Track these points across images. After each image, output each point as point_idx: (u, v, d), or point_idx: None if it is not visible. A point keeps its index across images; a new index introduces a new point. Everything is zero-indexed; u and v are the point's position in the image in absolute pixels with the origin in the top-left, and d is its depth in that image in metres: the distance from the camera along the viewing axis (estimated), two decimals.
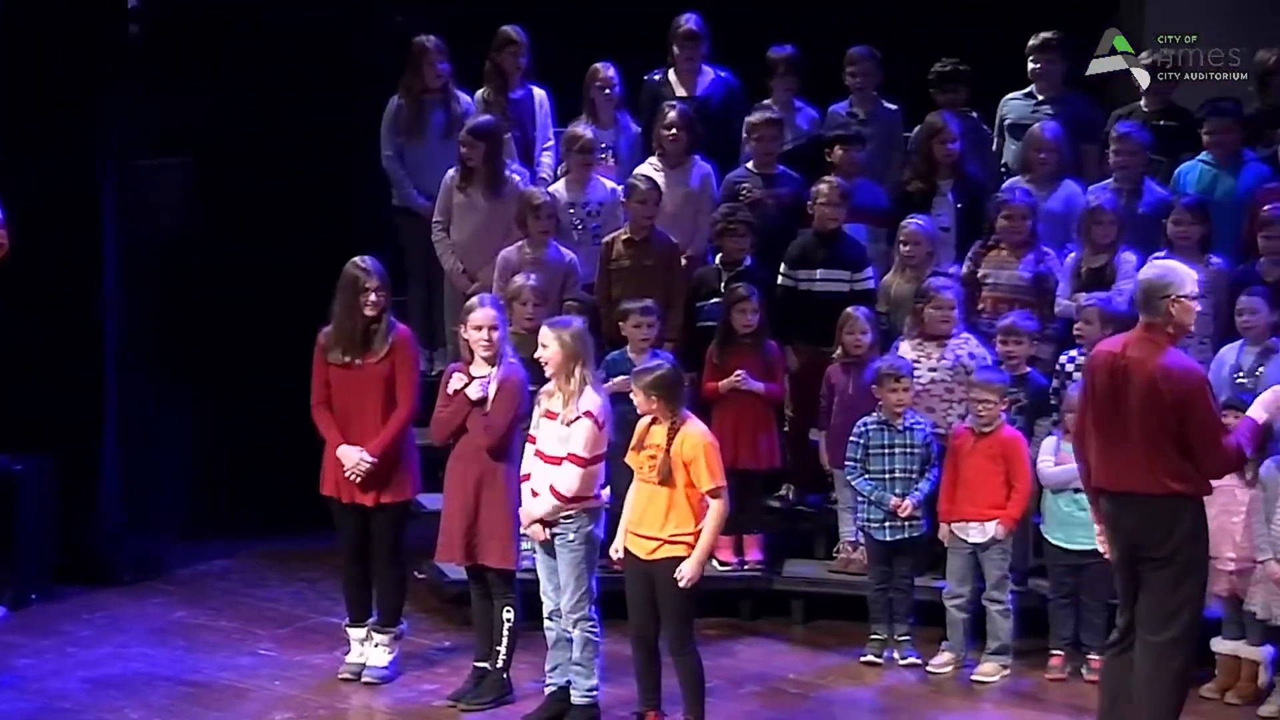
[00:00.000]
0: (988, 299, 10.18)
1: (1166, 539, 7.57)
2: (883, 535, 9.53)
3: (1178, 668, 7.67)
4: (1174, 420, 7.50)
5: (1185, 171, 10.50)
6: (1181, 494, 7.58)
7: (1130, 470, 7.60)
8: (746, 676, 9.32)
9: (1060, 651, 9.31)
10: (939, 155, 10.63)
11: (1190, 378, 7.59)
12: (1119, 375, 7.61)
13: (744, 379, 9.94)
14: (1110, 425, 7.65)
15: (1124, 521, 7.67)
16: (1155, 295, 7.62)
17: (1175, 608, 7.64)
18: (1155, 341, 7.60)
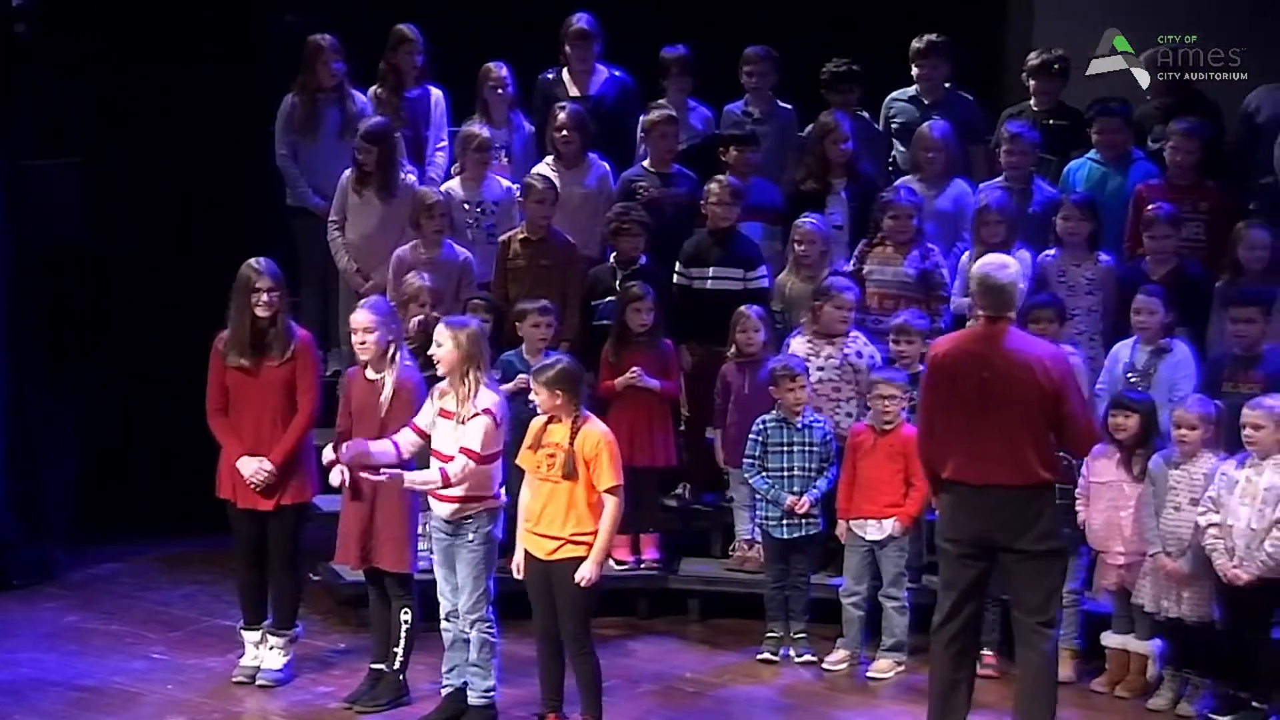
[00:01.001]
0: (873, 295, 10.25)
1: (1034, 527, 7.75)
2: (780, 533, 9.57)
3: (1054, 646, 8.00)
4: (1053, 405, 7.70)
5: (1074, 170, 10.61)
6: (1049, 483, 7.80)
7: (998, 462, 7.73)
8: (643, 675, 9.33)
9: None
10: (832, 155, 10.69)
11: (1065, 361, 7.96)
12: (989, 370, 7.75)
13: (639, 376, 9.96)
14: (977, 420, 7.76)
15: (986, 514, 7.79)
16: (1008, 291, 7.82)
17: (1053, 588, 7.93)
18: (1016, 334, 7.85)
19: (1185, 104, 10.66)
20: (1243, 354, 9.19)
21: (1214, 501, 8.57)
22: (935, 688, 8.07)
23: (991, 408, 7.74)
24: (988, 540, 7.85)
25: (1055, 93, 10.96)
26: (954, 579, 7.99)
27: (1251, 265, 9.56)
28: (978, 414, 7.77)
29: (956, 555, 7.94)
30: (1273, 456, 8.46)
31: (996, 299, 7.86)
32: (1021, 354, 7.78)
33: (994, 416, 7.73)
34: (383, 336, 8.67)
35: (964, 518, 7.89)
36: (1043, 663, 7.90)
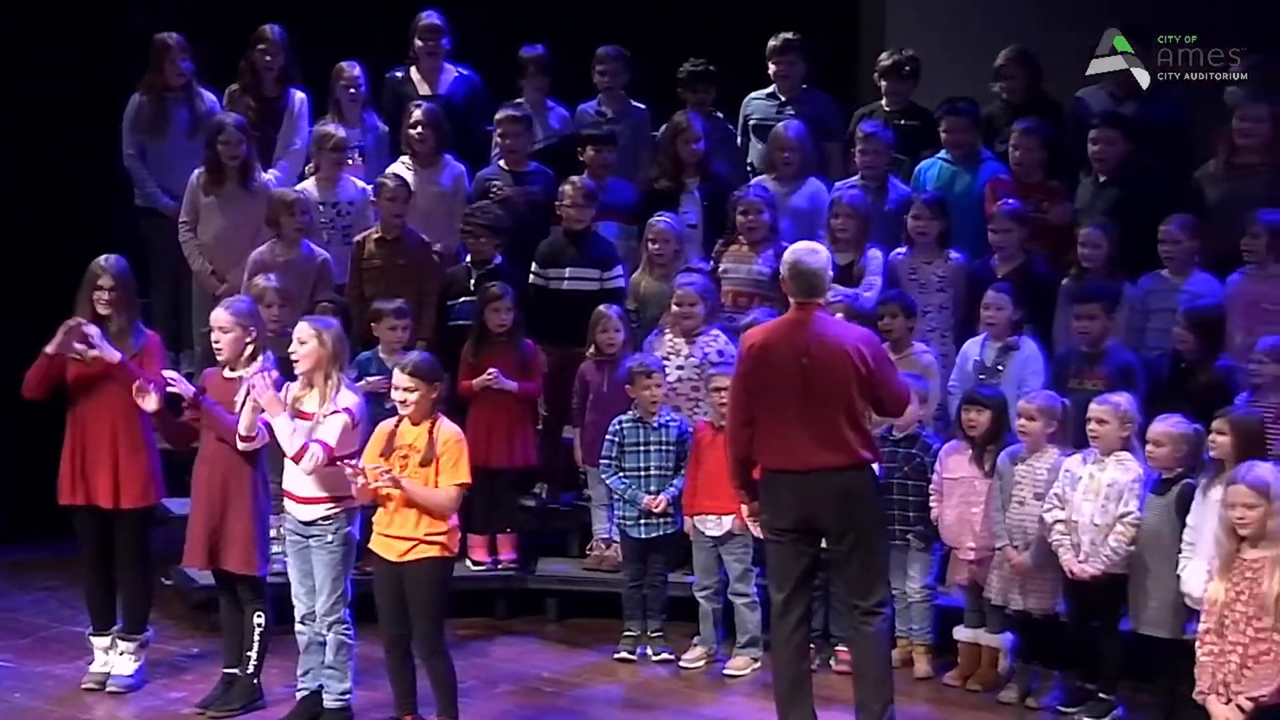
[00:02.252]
0: (728, 293, 10.30)
1: (860, 506, 7.91)
2: (638, 532, 9.59)
3: (888, 627, 8.16)
4: (870, 385, 7.88)
5: (925, 169, 10.72)
6: (868, 461, 7.96)
7: (820, 446, 7.84)
8: (501, 676, 9.31)
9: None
10: (684, 154, 10.74)
11: (877, 341, 8.17)
12: (807, 356, 7.86)
13: (497, 378, 9.94)
14: (797, 406, 7.86)
15: (809, 497, 7.90)
16: (819, 276, 7.96)
17: (881, 568, 8.10)
18: (821, 316, 7.99)
19: (1031, 105, 10.80)
20: (1087, 351, 9.31)
21: (1059, 498, 8.68)
22: (781, 682, 8.13)
23: (811, 393, 7.84)
24: (813, 525, 7.95)
25: (906, 93, 11.07)
26: (786, 571, 8.06)
27: (1087, 262, 9.70)
28: (798, 400, 7.86)
29: (787, 545, 8.02)
30: (1115, 453, 8.58)
31: (807, 284, 7.97)
32: (836, 338, 7.92)
33: (814, 401, 7.84)
34: (240, 337, 8.59)
35: (789, 505, 7.97)
36: (875, 647, 8.01)
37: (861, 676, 8.10)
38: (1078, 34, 11.01)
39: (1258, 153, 9.95)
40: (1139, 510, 8.47)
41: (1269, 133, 9.92)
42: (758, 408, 8.00)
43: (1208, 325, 9.13)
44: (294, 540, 8.42)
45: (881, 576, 8.12)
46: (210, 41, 11.42)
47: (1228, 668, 6.90)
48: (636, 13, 12.10)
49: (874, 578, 8.04)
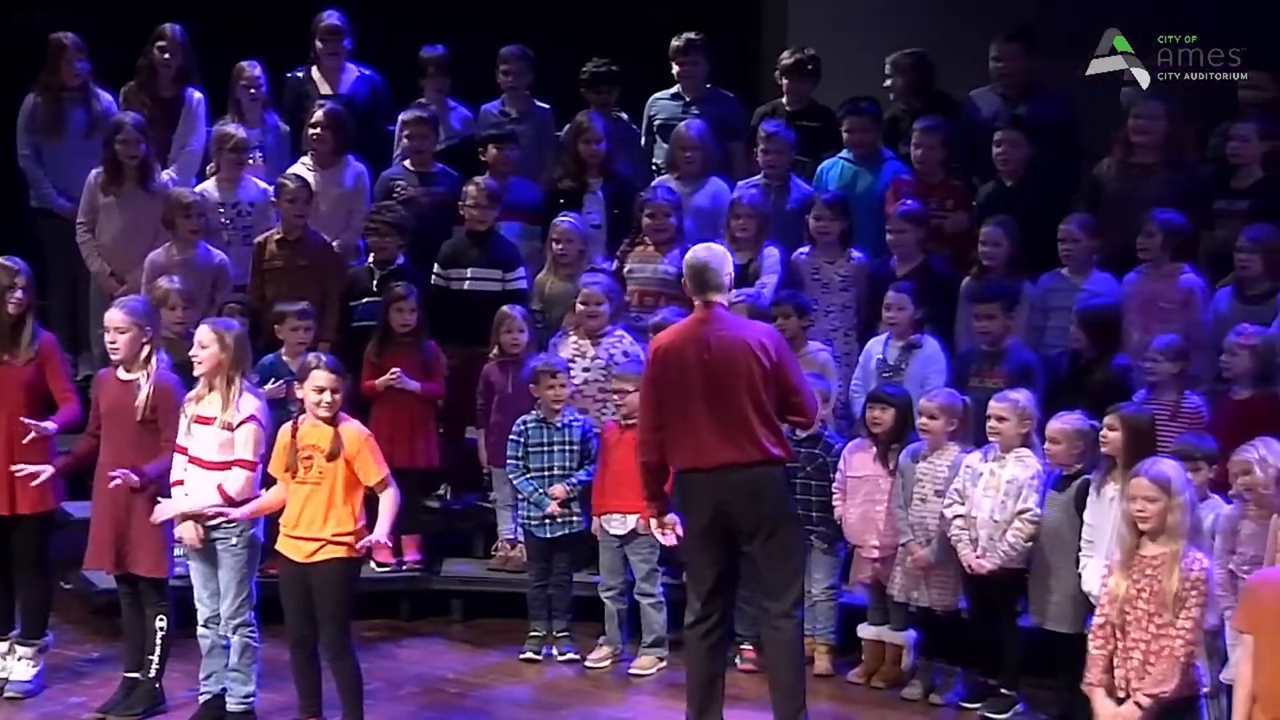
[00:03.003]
0: (634, 293, 10.32)
1: (771, 504, 7.91)
2: (543, 532, 9.58)
3: (800, 632, 8.14)
4: (777, 379, 7.88)
5: (827, 168, 10.78)
6: (779, 458, 7.95)
7: (729, 443, 7.85)
8: (406, 677, 9.28)
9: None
10: (586, 155, 10.76)
11: (779, 336, 8.18)
12: (709, 353, 7.87)
13: (400, 377, 9.91)
14: (704, 403, 7.87)
15: (721, 495, 7.90)
16: (713, 272, 7.99)
17: (795, 567, 8.08)
18: (724, 314, 7.98)
19: (932, 105, 10.89)
20: (988, 349, 9.40)
21: (959, 494, 8.75)
22: (693, 683, 8.14)
23: (717, 389, 7.85)
24: (727, 524, 7.94)
25: (807, 92, 11.13)
26: (702, 572, 8.07)
27: (987, 261, 9.79)
28: (704, 397, 7.87)
29: (704, 547, 8.02)
30: (1015, 449, 8.66)
31: (702, 280, 8.00)
32: (736, 334, 7.93)
33: (720, 398, 7.85)
34: (136, 337, 8.51)
35: (702, 505, 7.98)
36: (789, 650, 8.02)
37: (775, 680, 8.08)
38: (977, 34, 11.11)
39: (1152, 151, 10.08)
40: (1038, 506, 8.56)
41: (1163, 131, 10.05)
42: (667, 411, 8.00)
43: (1101, 324, 9.22)
44: None
45: (796, 576, 8.09)
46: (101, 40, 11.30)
47: (1130, 664, 6.96)
48: (540, 13, 12.09)
49: (788, 577, 8.02)
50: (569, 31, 12.10)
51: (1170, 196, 9.82)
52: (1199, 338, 9.33)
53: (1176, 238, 9.52)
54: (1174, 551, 6.90)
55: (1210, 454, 8.02)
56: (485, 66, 11.47)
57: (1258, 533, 7.73)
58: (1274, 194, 9.77)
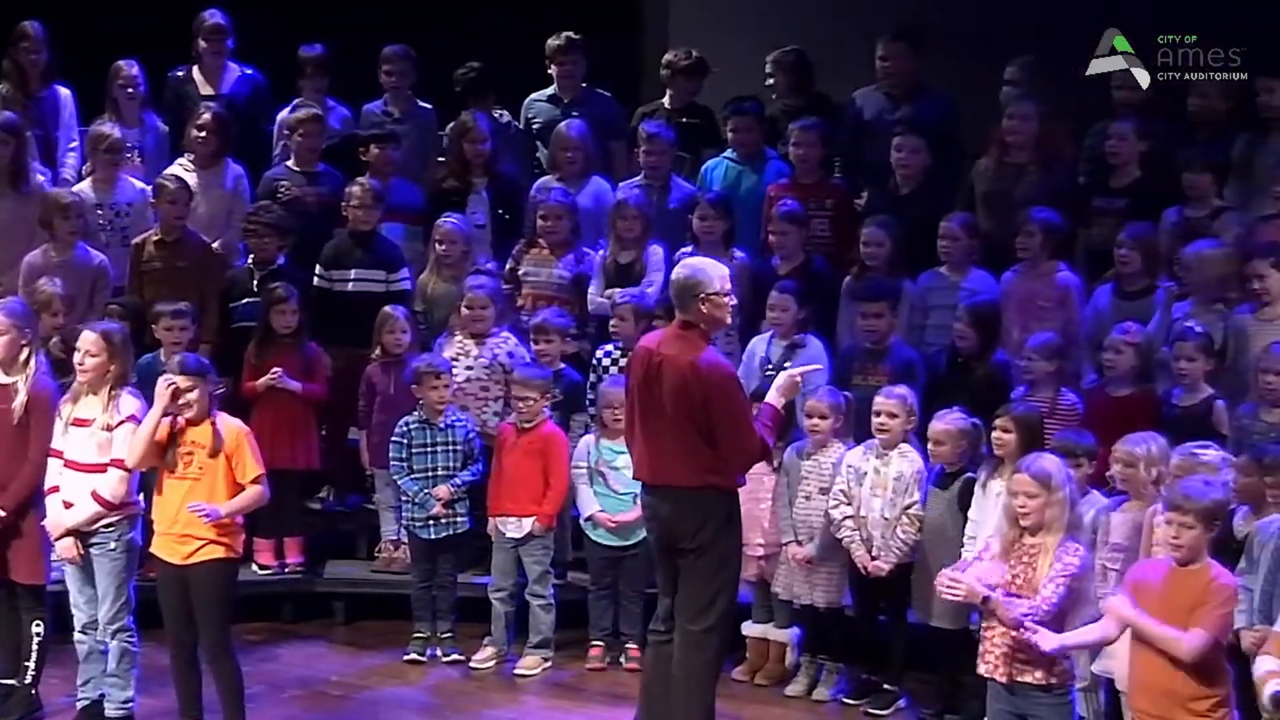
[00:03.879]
0: (528, 297, 10.31)
1: (701, 529, 7.73)
2: (427, 533, 9.54)
3: (711, 656, 7.85)
4: (703, 415, 7.64)
5: (711, 168, 10.82)
6: (716, 486, 7.76)
7: (667, 463, 7.75)
8: (288, 680, 9.22)
9: (600, 642, 9.47)
10: (470, 154, 10.73)
11: (717, 373, 7.67)
12: (654, 370, 7.75)
13: (280, 378, 9.85)
14: (648, 419, 7.80)
15: (662, 512, 7.84)
16: (687, 294, 7.73)
17: (712, 596, 7.79)
18: (689, 338, 7.73)
19: (811, 105, 10.95)
20: (871, 347, 9.46)
21: (844, 494, 8.81)
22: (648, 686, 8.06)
23: (659, 409, 7.73)
24: (666, 538, 7.88)
25: (693, 92, 11.16)
26: (664, 579, 7.98)
27: (869, 261, 9.85)
28: (650, 413, 7.78)
29: (659, 552, 7.97)
30: (899, 446, 8.72)
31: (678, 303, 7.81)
32: (682, 361, 7.65)
33: (664, 416, 7.73)
34: (15, 339, 8.40)
35: (649, 515, 7.96)
36: (702, 667, 7.84)
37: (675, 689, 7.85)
38: (859, 35, 11.18)
39: (1026, 151, 10.18)
40: (922, 501, 8.63)
41: (1036, 131, 10.15)
42: (629, 417, 7.93)
43: (986, 321, 9.31)
44: None
45: (717, 600, 7.76)
46: None
47: (1000, 651, 7.03)
48: (422, 12, 12.04)
49: (708, 600, 7.78)
50: (450, 31, 12.04)
51: (1044, 195, 9.94)
52: (1076, 335, 9.44)
53: (1054, 236, 9.63)
54: (1050, 544, 6.97)
55: (1090, 450, 8.11)
56: (366, 66, 11.41)
57: (1126, 523, 7.85)
58: (1151, 192, 9.91)
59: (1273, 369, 8.40)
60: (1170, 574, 6.73)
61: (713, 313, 7.73)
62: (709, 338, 7.79)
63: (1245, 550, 7.53)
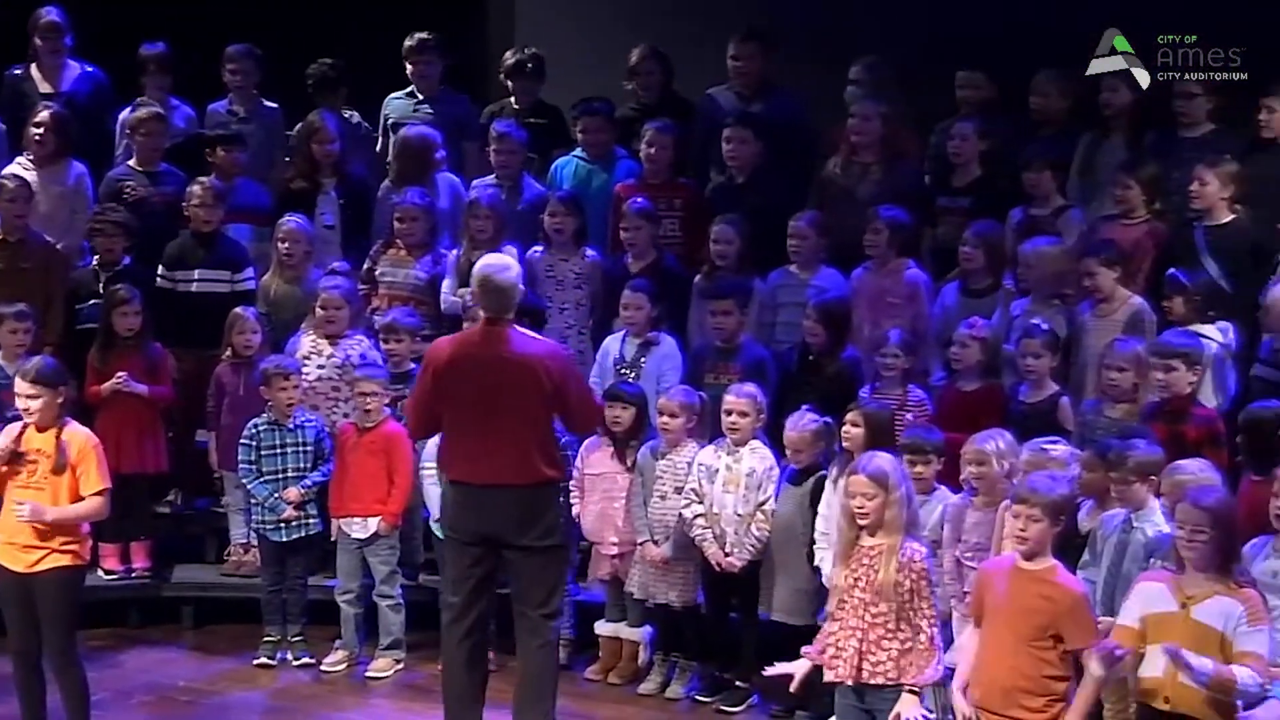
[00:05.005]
0: (384, 297, 10.26)
1: (539, 523, 7.85)
2: (277, 536, 9.48)
3: (555, 639, 8.11)
4: (557, 399, 7.82)
5: (561, 166, 10.81)
6: (552, 480, 7.91)
7: (505, 463, 7.80)
8: (135, 686, 9.12)
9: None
10: (319, 155, 10.66)
11: (564, 356, 8.13)
12: (494, 374, 7.80)
13: (126, 381, 9.73)
14: (483, 422, 7.82)
15: (497, 512, 7.86)
16: (510, 293, 7.87)
17: (554, 583, 8.01)
18: (513, 334, 7.87)
19: (664, 103, 10.98)
20: (721, 346, 9.51)
21: (696, 492, 8.84)
22: (451, 687, 8.08)
23: (497, 410, 7.78)
24: (493, 537, 7.91)
25: (534, 92, 11.16)
26: (462, 576, 8.02)
27: (719, 260, 9.89)
28: (484, 416, 7.81)
29: (465, 551, 7.99)
30: (750, 443, 8.78)
31: (498, 300, 7.89)
32: (524, 355, 7.82)
33: (500, 418, 7.78)
34: None
35: (470, 515, 7.94)
36: (545, 656, 7.99)
37: (525, 680, 8.02)
38: (708, 33, 11.22)
39: (870, 150, 10.27)
40: (775, 498, 8.68)
41: (879, 130, 10.25)
42: (445, 421, 7.96)
43: (836, 318, 9.37)
44: None
45: (557, 590, 8.04)
46: None
47: (845, 654, 7.09)
48: (269, 10, 11.93)
49: (548, 591, 7.97)
50: (298, 30, 11.94)
51: (889, 194, 10.02)
52: (925, 332, 9.55)
53: (901, 234, 9.72)
54: (891, 544, 7.03)
55: (939, 446, 8.21)
56: (212, 64, 11.29)
57: (983, 521, 7.95)
58: (993, 191, 10.04)
59: (1115, 365, 8.54)
60: (1014, 572, 6.83)
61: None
62: None
63: (1089, 544, 7.66)
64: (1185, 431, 8.15)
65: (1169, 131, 9.94)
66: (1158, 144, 9.91)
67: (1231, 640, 6.49)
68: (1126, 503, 7.55)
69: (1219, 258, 9.20)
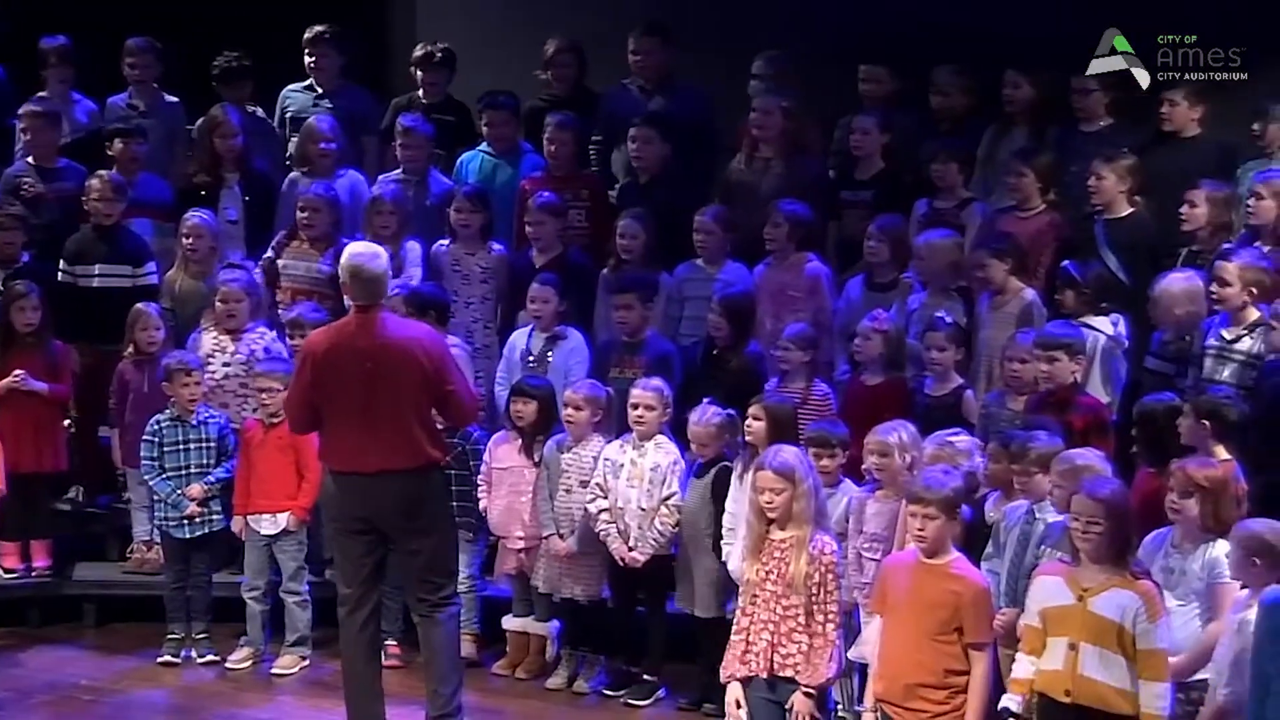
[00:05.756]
0: (287, 290, 10.20)
1: (427, 505, 7.93)
2: (181, 533, 9.42)
3: (458, 614, 8.16)
4: (437, 383, 7.87)
5: (467, 161, 10.81)
6: (436, 462, 7.97)
7: (389, 449, 7.82)
8: (36, 686, 9.04)
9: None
10: (221, 149, 10.60)
11: (440, 339, 8.19)
12: (371, 360, 7.81)
13: (24, 379, 9.65)
14: (364, 410, 7.83)
15: (384, 500, 7.88)
16: (381, 281, 7.96)
17: (450, 564, 8.12)
18: (385, 319, 7.93)
19: (574, 98, 10.97)
20: (627, 340, 9.52)
21: (600, 487, 8.86)
22: (351, 679, 8.09)
23: (378, 396, 7.80)
24: (380, 523, 7.93)
25: (442, 84, 11.13)
26: (354, 567, 8.04)
27: (624, 254, 9.91)
28: (364, 403, 7.82)
29: (354, 541, 8.00)
30: (655, 437, 8.80)
31: (370, 289, 7.93)
32: (400, 338, 7.88)
33: (382, 405, 7.81)
34: None
35: (357, 504, 7.95)
36: (442, 633, 8.03)
37: (430, 664, 8.08)
38: (612, 29, 11.22)
39: (773, 144, 10.32)
40: (681, 492, 8.71)
41: (780, 125, 10.29)
42: (325, 412, 7.95)
43: (739, 312, 9.40)
44: None
45: (448, 572, 8.11)
46: None
47: (758, 647, 7.12)
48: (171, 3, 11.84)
49: (440, 574, 8.04)
50: (199, 23, 11.85)
51: (791, 188, 10.07)
52: (828, 325, 9.60)
53: (802, 228, 9.76)
54: (800, 537, 7.07)
55: (844, 439, 8.26)
56: (113, 58, 11.18)
57: (883, 512, 8.00)
58: (896, 184, 10.11)
59: (1017, 357, 8.62)
60: (917, 567, 6.90)
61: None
62: None
63: (993, 536, 7.72)
64: (1071, 421, 8.21)
65: (1070, 126, 10.05)
66: (1059, 139, 10.02)
67: (1131, 633, 6.57)
68: (1029, 494, 7.62)
69: (1118, 251, 9.32)
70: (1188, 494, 7.11)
